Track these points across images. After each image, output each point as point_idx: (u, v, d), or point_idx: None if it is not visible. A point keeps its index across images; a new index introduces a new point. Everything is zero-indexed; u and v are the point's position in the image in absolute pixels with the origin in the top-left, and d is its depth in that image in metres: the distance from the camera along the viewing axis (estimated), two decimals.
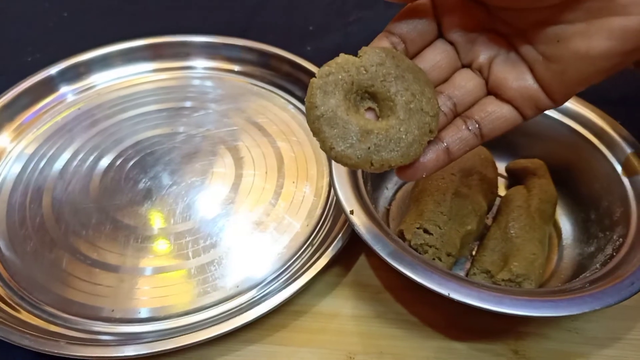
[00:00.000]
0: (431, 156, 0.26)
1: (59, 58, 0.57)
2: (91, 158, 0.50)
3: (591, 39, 0.23)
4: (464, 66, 0.27)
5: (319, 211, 0.45)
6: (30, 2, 0.73)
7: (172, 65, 0.59)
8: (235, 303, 0.39)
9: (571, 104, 0.45)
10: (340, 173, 0.40)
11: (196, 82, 0.58)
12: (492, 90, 0.27)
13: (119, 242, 0.43)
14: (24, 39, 0.66)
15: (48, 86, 0.56)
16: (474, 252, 0.41)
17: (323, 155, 0.49)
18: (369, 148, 0.25)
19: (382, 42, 0.26)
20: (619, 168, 0.41)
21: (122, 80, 0.58)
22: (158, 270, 0.41)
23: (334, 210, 0.45)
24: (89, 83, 0.57)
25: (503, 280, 0.37)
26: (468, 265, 0.41)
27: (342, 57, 0.25)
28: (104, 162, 0.49)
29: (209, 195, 0.46)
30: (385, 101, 0.25)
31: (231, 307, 0.39)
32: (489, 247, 0.40)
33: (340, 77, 0.25)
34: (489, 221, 0.43)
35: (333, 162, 0.39)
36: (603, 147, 0.43)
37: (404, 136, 0.25)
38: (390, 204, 0.46)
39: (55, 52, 0.58)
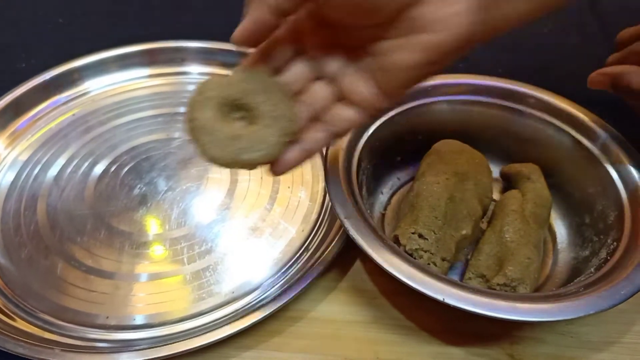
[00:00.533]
0: (291, 154, 0.31)
1: (53, 64, 0.57)
2: (86, 164, 0.50)
3: (403, 52, 0.28)
4: (318, 78, 0.32)
5: (314, 216, 0.45)
6: (25, 8, 0.73)
7: (167, 71, 0.59)
8: (230, 309, 0.39)
9: (565, 108, 0.45)
10: (335, 178, 0.39)
11: (191, 87, 0.58)
12: (342, 97, 0.31)
13: (114, 248, 0.43)
14: (18, 45, 0.66)
15: (42, 92, 0.56)
16: (469, 257, 0.42)
17: (318, 160, 0.49)
18: (238, 150, 0.29)
19: (250, 62, 0.30)
20: (612, 172, 0.42)
21: (117, 86, 0.58)
22: (153, 277, 0.41)
23: (330, 215, 0.45)
24: (83, 89, 0.57)
25: (498, 284, 0.37)
26: (463, 269, 0.41)
27: (216, 77, 0.30)
28: (99, 168, 0.49)
29: (204, 201, 0.46)
30: (252, 111, 0.30)
31: (227, 313, 0.39)
32: (484, 251, 0.40)
33: (214, 93, 0.29)
34: (483, 225, 0.43)
35: (328, 167, 0.40)
36: (597, 151, 0.43)
37: (268, 138, 0.29)
38: (385, 209, 0.46)
39: (49, 58, 0.58)
